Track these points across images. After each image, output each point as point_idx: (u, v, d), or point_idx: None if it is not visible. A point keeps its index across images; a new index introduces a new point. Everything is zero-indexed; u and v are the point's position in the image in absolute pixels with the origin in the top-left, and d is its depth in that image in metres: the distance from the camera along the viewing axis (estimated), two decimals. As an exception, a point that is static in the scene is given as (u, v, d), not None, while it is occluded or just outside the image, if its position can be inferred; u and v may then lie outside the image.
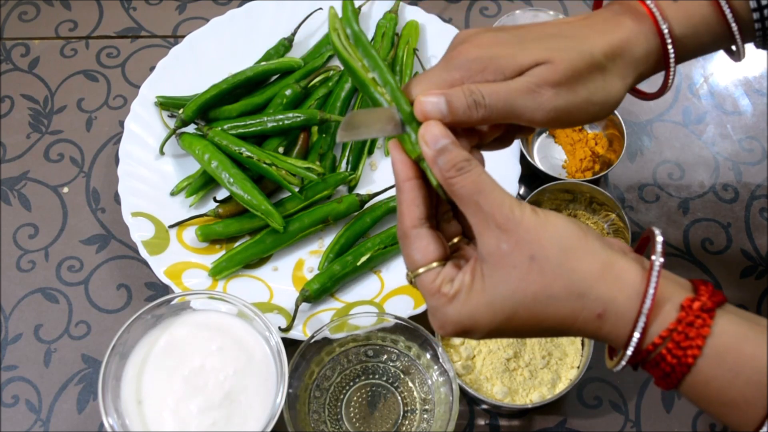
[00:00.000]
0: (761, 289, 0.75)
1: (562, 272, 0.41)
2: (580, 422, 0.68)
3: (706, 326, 0.40)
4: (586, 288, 0.41)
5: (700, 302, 0.40)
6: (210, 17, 0.87)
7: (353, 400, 0.67)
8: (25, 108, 0.87)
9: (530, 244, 0.41)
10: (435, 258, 0.45)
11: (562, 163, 0.82)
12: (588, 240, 0.42)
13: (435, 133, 0.44)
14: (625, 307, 0.41)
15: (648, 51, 0.49)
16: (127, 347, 0.63)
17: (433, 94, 0.45)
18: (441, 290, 0.44)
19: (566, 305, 0.41)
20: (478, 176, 0.43)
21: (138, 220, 0.74)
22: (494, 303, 0.42)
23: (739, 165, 0.82)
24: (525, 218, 0.42)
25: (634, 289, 0.41)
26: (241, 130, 0.78)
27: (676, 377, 0.41)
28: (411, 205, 0.45)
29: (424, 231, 0.45)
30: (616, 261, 0.42)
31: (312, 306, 0.73)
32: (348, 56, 0.47)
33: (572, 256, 0.41)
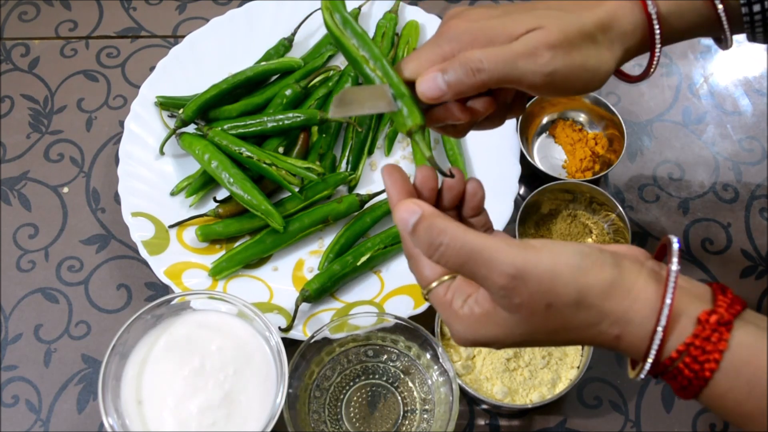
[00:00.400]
0: (761, 289, 0.75)
1: (579, 310, 0.41)
2: (580, 422, 0.68)
3: (723, 340, 0.40)
4: (603, 316, 0.41)
5: (717, 315, 0.40)
6: (210, 17, 0.87)
7: (353, 400, 0.67)
8: (25, 108, 0.87)
9: (544, 294, 0.41)
10: (441, 273, 0.45)
11: (562, 163, 0.82)
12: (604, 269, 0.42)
13: (402, 217, 0.43)
14: (642, 325, 0.41)
15: (635, 25, 0.49)
16: (127, 347, 0.63)
17: (428, 72, 0.46)
18: (452, 305, 0.44)
19: (585, 332, 0.42)
20: (458, 243, 0.41)
21: (138, 220, 0.74)
22: (512, 333, 0.43)
23: (739, 165, 0.82)
24: (530, 269, 0.40)
25: (650, 306, 0.41)
26: (241, 130, 0.78)
27: (693, 390, 0.41)
28: None
29: None
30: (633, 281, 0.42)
31: (312, 306, 0.73)
32: (340, 33, 0.49)
33: (588, 294, 0.41)
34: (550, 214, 0.78)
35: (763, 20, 0.50)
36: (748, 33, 0.52)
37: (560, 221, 0.77)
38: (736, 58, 0.89)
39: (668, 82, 0.88)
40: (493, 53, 0.46)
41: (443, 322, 0.47)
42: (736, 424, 0.42)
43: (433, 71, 0.46)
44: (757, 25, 0.51)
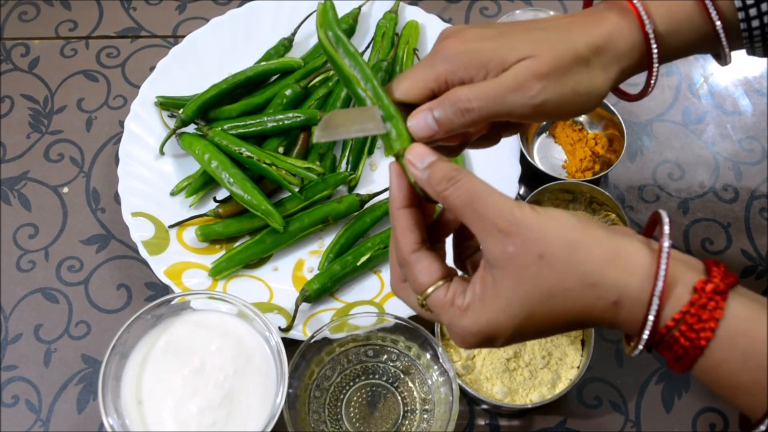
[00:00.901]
0: (761, 289, 0.75)
1: (572, 265, 0.41)
2: (580, 422, 0.68)
3: (719, 309, 0.40)
4: (598, 277, 0.41)
5: (713, 284, 0.40)
6: (210, 17, 0.87)
7: (353, 400, 0.67)
8: (25, 108, 0.87)
9: (536, 242, 0.41)
10: (440, 276, 0.45)
11: (562, 163, 0.82)
12: (591, 230, 0.42)
13: (419, 152, 0.44)
14: (638, 290, 0.41)
15: (632, 45, 0.49)
16: (127, 347, 0.63)
17: (418, 111, 0.46)
18: (455, 303, 0.44)
19: (582, 296, 0.41)
20: (471, 183, 0.43)
21: (138, 220, 0.74)
22: (511, 305, 0.42)
23: (739, 165, 0.82)
24: (526, 218, 0.42)
25: (645, 271, 0.41)
26: (241, 130, 0.78)
27: (688, 359, 0.41)
28: (406, 231, 0.45)
29: (423, 253, 0.45)
30: (624, 246, 0.42)
31: (312, 306, 0.73)
32: (333, 51, 0.48)
33: (579, 247, 0.41)
34: (550, 214, 0.77)
35: (762, 35, 0.50)
36: (747, 48, 0.52)
37: (560, 221, 0.77)
38: (736, 58, 0.89)
39: (668, 82, 0.88)
40: (482, 91, 0.45)
41: (446, 327, 0.46)
42: (729, 397, 0.42)
43: (423, 110, 0.46)
44: (756, 40, 0.51)
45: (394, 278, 0.49)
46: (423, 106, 0.46)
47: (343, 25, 0.86)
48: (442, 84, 0.47)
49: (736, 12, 0.50)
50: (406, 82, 0.47)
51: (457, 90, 0.46)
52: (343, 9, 0.87)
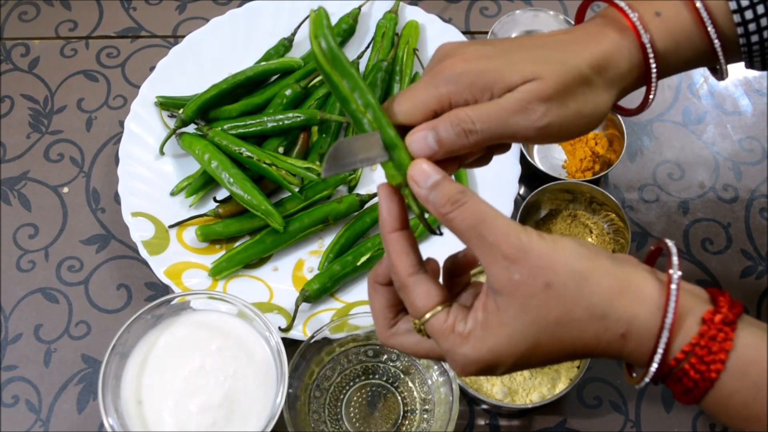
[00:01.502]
0: (761, 289, 0.75)
1: (581, 296, 0.40)
2: (580, 422, 0.68)
3: (729, 340, 0.39)
4: (607, 309, 0.40)
5: (721, 315, 0.40)
6: (210, 17, 0.87)
7: (353, 400, 0.67)
8: (25, 108, 0.87)
9: (544, 271, 0.40)
10: (440, 300, 0.43)
11: (562, 163, 0.82)
12: (599, 260, 0.41)
13: (424, 170, 0.43)
14: (647, 322, 0.40)
15: (631, 64, 0.49)
16: (127, 347, 0.64)
17: (419, 129, 0.44)
18: (455, 329, 0.42)
19: (589, 328, 0.40)
20: (477, 206, 0.41)
21: (138, 220, 0.74)
22: (515, 334, 0.41)
23: (739, 165, 0.82)
24: (533, 245, 0.40)
25: (654, 303, 0.40)
26: (241, 130, 0.78)
27: (698, 392, 0.40)
28: (401, 254, 0.43)
29: (421, 277, 0.43)
30: (632, 277, 0.41)
31: (312, 306, 0.73)
32: (330, 69, 0.45)
33: (588, 278, 0.40)
34: (550, 214, 0.78)
35: (761, 50, 0.50)
36: (746, 62, 0.52)
37: (560, 221, 0.77)
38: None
39: (668, 82, 0.88)
40: (485, 112, 0.44)
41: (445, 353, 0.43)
42: (740, 428, 0.41)
43: (424, 129, 0.44)
44: (755, 55, 0.51)
45: (380, 327, 0.47)
46: (424, 125, 0.44)
47: (343, 25, 0.86)
48: (445, 106, 0.45)
49: (734, 27, 0.49)
50: (407, 104, 0.45)
51: (459, 111, 0.44)
52: (343, 9, 0.87)
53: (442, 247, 0.50)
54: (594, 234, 0.76)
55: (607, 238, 0.76)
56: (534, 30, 0.89)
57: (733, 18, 0.49)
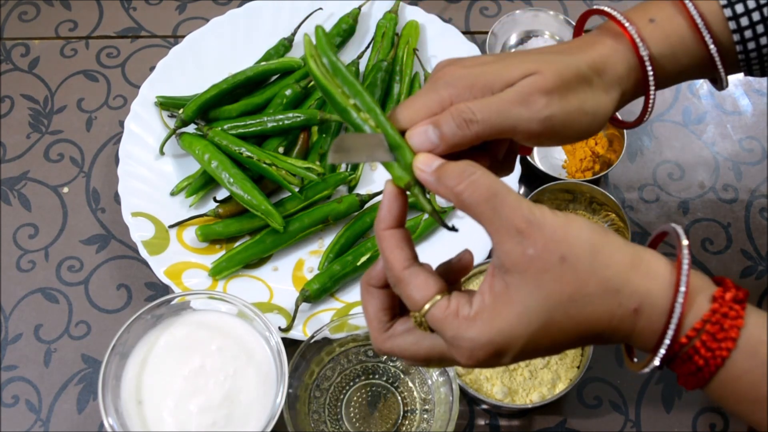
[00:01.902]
0: (761, 289, 0.75)
1: (595, 269, 0.39)
2: (580, 422, 0.68)
3: (740, 317, 0.39)
4: (621, 283, 0.40)
5: (731, 293, 0.40)
6: (210, 17, 0.87)
7: (353, 400, 0.67)
8: (25, 108, 0.87)
9: (559, 244, 0.39)
10: (438, 290, 0.42)
11: (562, 163, 0.82)
12: (611, 235, 0.41)
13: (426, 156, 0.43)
14: (659, 298, 0.40)
15: (629, 68, 0.49)
16: (127, 347, 0.64)
17: (419, 124, 0.44)
18: (460, 313, 0.40)
19: (603, 303, 0.40)
20: (488, 180, 0.40)
21: (138, 220, 0.74)
22: (528, 312, 0.39)
23: (739, 165, 0.82)
24: (547, 219, 0.40)
25: (666, 279, 0.40)
26: (241, 130, 0.78)
27: (708, 371, 0.39)
28: (395, 249, 0.43)
29: (416, 269, 0.42)
30: (643, 253, 0.41)
31: (312, 306, 0.73)
32: (327, 82, 0.46)
33: (602, 251, 0.40)
34: (550, 214, 0.78)
35: (758, 57, 0.50)
36: (744, 70, 0.52)
37: (560, 221, 0.77)
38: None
39: (668, 82, 0.88)
40: (486, 103, 0.44)
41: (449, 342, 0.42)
42: (746, 413, 0.40)
43: (424, 124, 0.44)
44: (754, 63, 0.51)
45: (374, 332, 0.45)
46: (424, 120, 0.44)
47: (343, 26, 0.86)
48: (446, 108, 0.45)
49: (731, 35, 0.49)
50: (408, 110, 0.45)
51: (459, 104, 0.44)
52: (343, 9, 0.87)
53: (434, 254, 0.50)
54: (594, 234, 0.76)
55: (607, 238, 0.76)
56: (534, 30, 0.89)
57: (729, 25, 0.49)
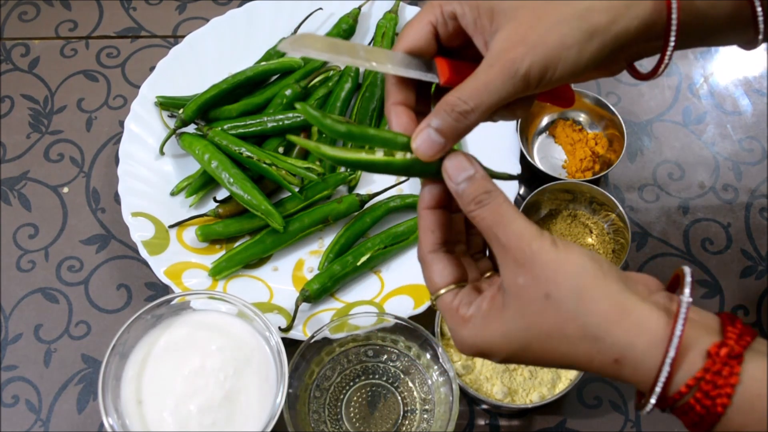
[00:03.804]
0: (761, 289, 0.75)
1: (576, 314, 0.40)
2: (580, 422, 0.68)
3: (735, 374, 0.38)
4: (602, 332, 0.40)
5: (727, 348, 0.39)
6: (210, 17, 0.87)
7: (353, 400, 0.67)
8: (25, 108, 0.87)
9: (546, 281, 0.40)
10: (452, 280, 0.45)
11: (562, 163, 0.82)
12: (607, 281, 0.41)
13: (456, 165, 0.44)
14: (645, 353, 0.40)
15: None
16: (127, 347, 0.64)
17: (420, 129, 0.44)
18: (458, 311, 0.44)
19: (580, 347, 0.41)
20: (498, 207, 0.42)
21: (138, 220, 0.74)
22: (509, 333, 0.42)
23: (739, 165, 0.82)
24: (542, 254, 0.41)
25: (656, 336, 0.39)
26: (241, 130, 0.78)
27: (705, 425, 0.39)
28: (427, 231, 0.46)
29: (440, 255, 0.45)
30: (636, 305, 0.40)
31: (312, 306, 0.73)
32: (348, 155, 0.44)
33: (588, 297, 0.40)
34: (550, 214, 0.78)
35: None
36: None
37: (560, 221, 0.77)
38: (736, 58, 0.89)
39: (668, 82, 0.88)
40: (473, 87, 0.43)
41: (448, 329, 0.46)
42: None
43: (422, 128, 0.44)
44: None
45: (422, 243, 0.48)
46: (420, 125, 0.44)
47: (343, 25, 0.86)
48: (439, 16, 0.45)
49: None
50: (406, 31, 0.46)
51: (446, 97, 0.44)
52: (343, 9, 0.87)
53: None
54: (594, 234, 0.76)
55: (607, 238, 0.76)
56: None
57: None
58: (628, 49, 0.47)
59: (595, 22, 0.44)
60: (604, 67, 0.48)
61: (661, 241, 0.78)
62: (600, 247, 0.75)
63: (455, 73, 0.46)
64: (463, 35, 0.47)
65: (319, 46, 0.44)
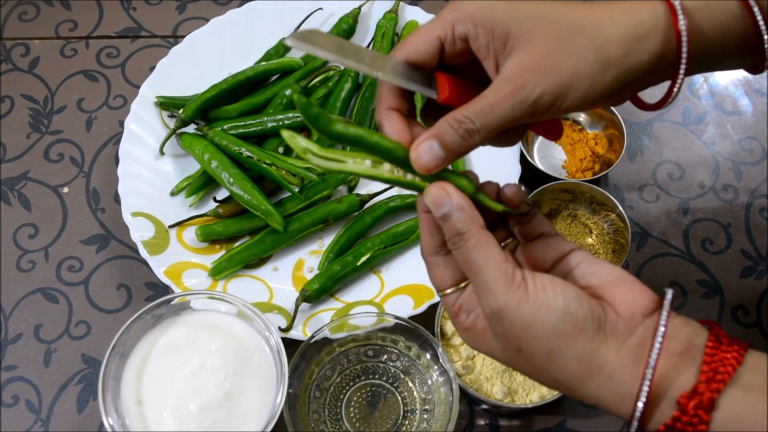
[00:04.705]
0: (761, 289, 0.75)
1: (548, 371, 0.42)
2: (580, 422, 0.68)
3: (704, 423, 0.39)
4: (573, 387, 0.42)
5: (695, 400, 0.39)
6: (210, 17, 0.87)
7: (353, 400, 0.67)
8: (25, 108, 0.87)
9: (517, 338, 0.42)
10: (452, 283, 0.46)
11: (562, 163, 0.82)
12: (578, 342, 0.41)
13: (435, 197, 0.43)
14: (617, 404, 0.41)
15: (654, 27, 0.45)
16: (127, 347, 0.63)
17: (423, 140, 0.43)
18: (459, 317, 0.46)
19: (559, 386, 0.43)
20: (467, 254, 0.42)
21: (138, 220, 0.74)
22: (496, 354, 0.45)
23: (739, 165, 0.82)
24: (509, 312, 0.41)
25: (626, 391, 0.40)
26: (241, 130, 0.78)
27: None
28: (426, 234, 0.46)
29: (439, 259, 0.46)
30: (606, 364, 0.41)
31: (312, 306, 0.73)
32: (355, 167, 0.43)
33: (558, 359, 0.41)
34: (550, 214, 0.78)
35: None
36: None
37: (560, 221, 0.77)
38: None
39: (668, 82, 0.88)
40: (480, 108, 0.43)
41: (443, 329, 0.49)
42: None
43: (427, 138, 0.43)
44: None
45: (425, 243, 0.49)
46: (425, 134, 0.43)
47: (343, 25, 0.86)
48: (449, 33, 0.45)
49: None
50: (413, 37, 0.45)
51: (455, 113, 0.43)
52: (343, 9, 0.87)
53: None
54: (594, 234, 0.76)
55: (607, 238, 0.76)
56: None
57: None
58: (637, 82, 0.47)
59: (611, 54, 0.44)
60: (611, 98, 0.47)
61: (661, 241, 0.78)
62: (600, 247, 0.75)
63: (454, 92, 0.46)
64: (468, 55, 0.46)
65: (327, 45, 0.44)
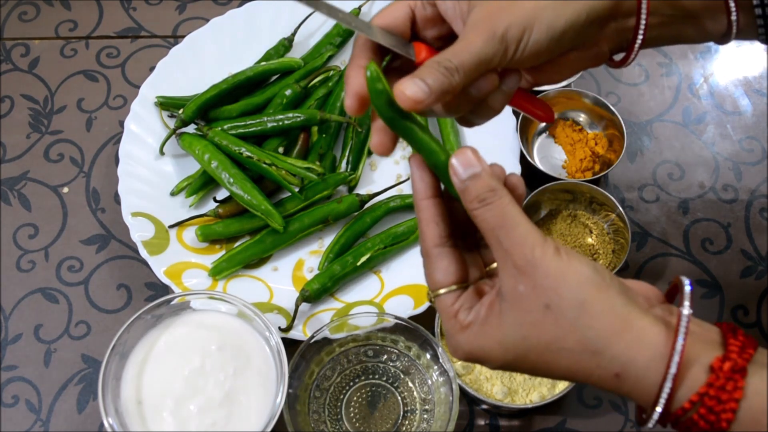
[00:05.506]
0: (761, 289, 0.75)
1: (577, 327, 0.39)
2: (580, 422, 0.68)
3: (739, 389, 0.37)
4: (601, 346, 0.39)
5: (730, 362, 0.38)
6: (210, 17, 0.87)
7: (353, 400, 0.67)
8: (25, 108, 0.87)
9: (546, 291, 0.39)
10: (455, 280, 0.43)
11: (562, 163, 0.82)
12: (609, 293, 0.40)
13: (463, 160, 0.42)
14: (646, 368, 0.39)
15: None
16: (127, 347, 0.64)
17: (405, 80, 0.42)
18: (458, 316, 0.43)
19: (580, 360, 0.40)
20: (502, 209, 0.40)
21: (138, 220, 0.74)
22: (506, 342, 0.41)
23: (739, 165, 0.82)
24: (545, 262, 0.39)
25: (657, 350, 0.39)
26: (241, 130, 0.78)
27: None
28: (430, 223, 0.44)
29: (446, 250, 0.44)
30: (638, 319, 0.39)
31: (312, 306, 0.73)
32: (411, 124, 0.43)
33: (590, 310, 0.39)
34: (550, 214, 0.78)
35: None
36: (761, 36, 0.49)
37: (560, 221, 0.77)
38: (736, 58, 0.89)
39: (668, 82, 0.88)
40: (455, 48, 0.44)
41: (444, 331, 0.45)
42: None
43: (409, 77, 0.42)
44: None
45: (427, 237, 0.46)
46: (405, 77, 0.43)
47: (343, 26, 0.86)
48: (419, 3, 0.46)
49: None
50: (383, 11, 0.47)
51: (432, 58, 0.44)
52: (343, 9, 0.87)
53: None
54: (594, 234, 0.76)
55: (607, 238, 0.76)
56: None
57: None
58: (605, 26, 0.47)
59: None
60: (586, 48, 0.48)
61: (661, 241, 0.78)
62: (600, 247, 0.75)
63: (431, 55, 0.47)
64: (438, 23, 0.47)
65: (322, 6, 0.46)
